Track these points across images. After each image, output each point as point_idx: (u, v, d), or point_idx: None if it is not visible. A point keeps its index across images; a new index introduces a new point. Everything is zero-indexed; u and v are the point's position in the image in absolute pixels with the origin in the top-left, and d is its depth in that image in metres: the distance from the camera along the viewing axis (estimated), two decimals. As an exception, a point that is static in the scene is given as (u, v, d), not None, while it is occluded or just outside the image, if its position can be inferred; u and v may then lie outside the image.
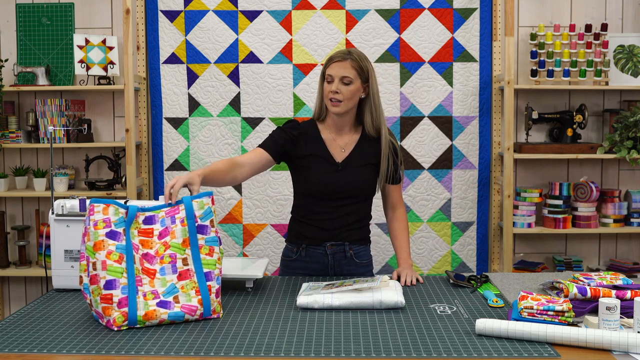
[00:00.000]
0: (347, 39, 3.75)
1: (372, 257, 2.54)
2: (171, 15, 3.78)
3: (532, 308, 1.73)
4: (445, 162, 3.80)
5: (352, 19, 3.75)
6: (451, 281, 2.24)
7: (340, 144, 2.42)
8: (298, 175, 2.44)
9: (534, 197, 3.71)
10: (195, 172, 2.10)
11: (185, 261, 1.87)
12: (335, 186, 2.37)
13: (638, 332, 1.63)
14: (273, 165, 2.45)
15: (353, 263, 2.44)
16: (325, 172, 2.38)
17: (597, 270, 3.81)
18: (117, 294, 1.77)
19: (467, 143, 3.80)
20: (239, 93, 3.79)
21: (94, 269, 1.79)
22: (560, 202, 3.69)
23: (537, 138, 3.92)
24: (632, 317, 1.76)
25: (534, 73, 3.72)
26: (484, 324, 1.69)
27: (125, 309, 1.77)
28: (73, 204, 2.19)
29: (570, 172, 3.91)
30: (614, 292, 1.86)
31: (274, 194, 3.79)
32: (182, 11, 3.77)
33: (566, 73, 3.70)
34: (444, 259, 3.83)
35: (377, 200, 2.55)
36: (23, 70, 3.78)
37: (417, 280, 2.28)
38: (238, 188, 3.80)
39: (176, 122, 3.82)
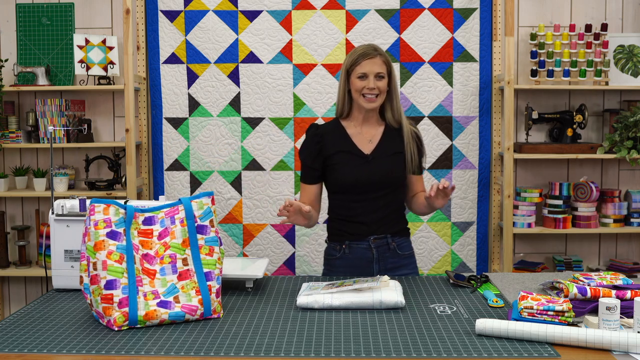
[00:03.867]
0: (347, 39, 3.75)
1: (413, 249, 2.55)
2: (171, 15, 3.78)
3: (532, 308, 1.73)
4: (445, 162, 3.80)
5: (352, 19, 3.75)
6: (451, 281, 2.24)
7: (367, 136, 2.45)
8: (330, 175, 2.45)
9: (534, 197, 3.71)
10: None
11: (185, 261, 1.88)
12: (367, 178, 2.38)
13: (638, 332, 1.63)
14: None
15: (396, 255, 2.46)
16: (355, 166, 2.39)
17: (597, 270, 3.81)
18: (118, 294, 1.77)
19: (467, 143, 3.80)
20: (239, 93, 3.79)
21: (95, 269, 1.79)
22: (560, 202, 3.69)
23: (537, 138, 3.92)
24: (632, 317, 1.76)
25: (534, 73, 3.72)
26: (484, 324, 1.69)
27: (126, 309, 1.77)
28: (73, 204, 2.19)
29: (570, 172, 3.91)
30: (614, 292, 1.85)
31: (274, 194, 3.79)
32: (182, 11, 3.77)
33: (566, 73, 3.70)
34: (444, 259, 3.83)
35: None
36: (23, 70, 3.78)
37: (449, 187, 2.27)
38: (238, 188, 3.80)
39: (176, 122, 3.82)
